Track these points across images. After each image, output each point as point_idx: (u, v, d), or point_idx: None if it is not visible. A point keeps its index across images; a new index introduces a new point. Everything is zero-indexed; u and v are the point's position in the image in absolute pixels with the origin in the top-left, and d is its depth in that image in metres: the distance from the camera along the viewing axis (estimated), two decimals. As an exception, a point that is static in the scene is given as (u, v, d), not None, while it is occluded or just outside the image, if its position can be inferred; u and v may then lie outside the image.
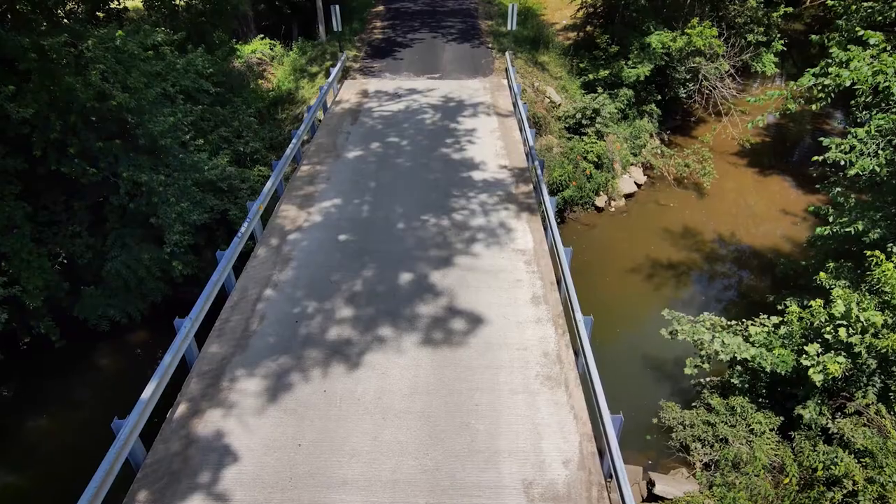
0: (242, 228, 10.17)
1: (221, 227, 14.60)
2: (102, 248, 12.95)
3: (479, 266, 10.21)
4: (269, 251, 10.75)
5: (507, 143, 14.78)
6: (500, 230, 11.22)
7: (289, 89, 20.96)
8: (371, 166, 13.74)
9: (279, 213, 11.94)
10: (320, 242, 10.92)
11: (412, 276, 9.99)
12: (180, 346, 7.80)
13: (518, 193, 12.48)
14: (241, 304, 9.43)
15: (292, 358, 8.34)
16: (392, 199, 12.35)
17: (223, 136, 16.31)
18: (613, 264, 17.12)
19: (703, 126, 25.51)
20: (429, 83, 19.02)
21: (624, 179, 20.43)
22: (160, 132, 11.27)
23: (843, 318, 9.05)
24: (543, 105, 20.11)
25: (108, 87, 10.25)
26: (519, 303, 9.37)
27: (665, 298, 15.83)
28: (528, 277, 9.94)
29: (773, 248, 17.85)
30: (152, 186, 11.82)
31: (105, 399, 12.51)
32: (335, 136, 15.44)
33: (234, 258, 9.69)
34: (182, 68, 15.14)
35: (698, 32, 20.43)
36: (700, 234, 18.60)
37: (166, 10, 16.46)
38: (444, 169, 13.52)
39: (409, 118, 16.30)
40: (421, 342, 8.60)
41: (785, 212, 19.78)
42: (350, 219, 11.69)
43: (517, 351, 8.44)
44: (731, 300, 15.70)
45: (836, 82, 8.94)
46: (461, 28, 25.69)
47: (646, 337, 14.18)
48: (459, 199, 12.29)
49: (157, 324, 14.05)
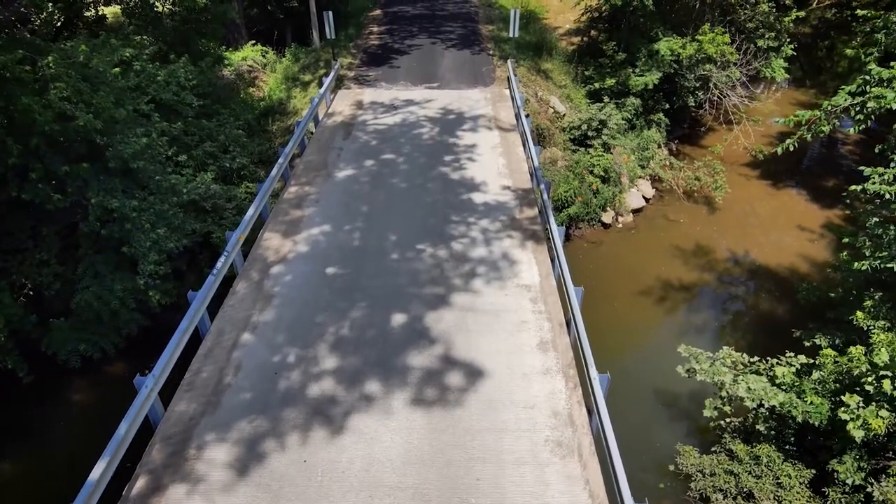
0: (219, 263, 9.21)
1: (205, 251, 13.66)
2: (73, 276, 12.02)
3: (480, 305, 9.25)
4: (250, 286, 9.79)
5: (510, 161, 13.81)
6: (503, 262, 10.26)
7: (280, 99, 20.00)
8: (364, 187, 12.78)
9: (262, 242, 10.98)
10: (306, 277, 9.96)
11: (405, 317, 9.03)
12: (139, 412, 6.85)
13: (522, 219, 11.51)
14: (216, 351, 8.47)
15: (269, 419, 7.39)
16: (386, 224, 11.40)
17: (208, 151, 15.36)
18: (622, 286, 16.15)
19: (712, 135, 24.55)
20: (427, 93, 18.06)
21: (631, 193, 19.47)
22: (132, 154, 10.31)
23: (888, 368, 8.09)
24: (547, 116, 19.15)
25: (70, 108, 9.29)
26: (524, 349, 8.41)
27: (677, 325, 14.89)
28: (534, 318, 8.98)
29: (790, 267, 16.90)
30: (125, 212, 10.87)
31: (76, 437, 11.60)
32: (326, 152, 14.48)
33: (207, 300, 8.73)
34: (163, 80, 14.20)
35: (710, 39, 19.46)
36: (712, 253, 17.64)
37: (147, 18, 15.47)
38: (443, 190, 12.56)
39: (405, 132, 15.34)
40: (414, 400, 7.64)
41: (801, 227, 18.82)
42: (339, 248, 10.73)
43: (523, 410, 7.48)
44: (748, 327, 14.74)
45: (879, 104, 7.98)
46: (461, 33, 24.72)
47: (659, 369, 13.23)
48: (458, 224, 11.34)
49: (135, 354, 13.14)
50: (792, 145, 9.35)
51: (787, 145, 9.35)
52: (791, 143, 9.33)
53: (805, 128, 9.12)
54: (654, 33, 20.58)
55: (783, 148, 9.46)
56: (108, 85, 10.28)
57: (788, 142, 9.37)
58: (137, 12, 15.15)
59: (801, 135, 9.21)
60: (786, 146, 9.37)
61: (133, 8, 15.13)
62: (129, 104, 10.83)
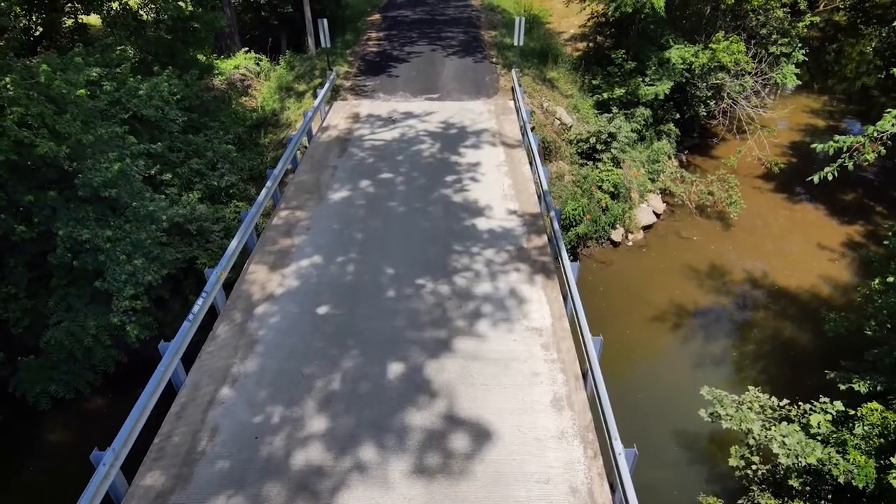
0: (196, 307, 8.28)
1: (190, 276, 12.75)
2: (45, 309, 11.12)
3: (486, 353, 8.33)
4: (232, 330, 8.87)
5: (516, 181, 12.89)
6: (511, 300, 9.34)
7: (273, 110, 19.08)
8: (359, 212, 11.85)
9: (248, 276, 10.06)
10: (294, 319, 9.03)
11: (403, 367, 8.11)
12: (96, 493, 5.93)
13: (530, 248, 10.59)
14: (190, 410, 7.55)
15: (248, 497, 6.47)
16: (382, 255, 10.47)
17: (195, 168, 14.45)
18: (633, 310, 15.24)
19: (723, 144, 23.63)
20: (427, 105, 17.13)
21: (642, 209, 18.55)
22: (102, 183, 9.39)
23: (947, 431, 7.19)
24: (553, 128, 18.23)
25: (29, 135, 8.37)
26: (537, 408, 7.49)
27: (694, 355, 13.97)
28: (546, 369, 8.06)
29: (811, 290, 15.98)
30: (97, 243, 9.97)
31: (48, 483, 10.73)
32: (319, 171, 13.55)
33: (180, 351, 7.80)
34: (145, 95, 13.28)
35: (724, 48, 18.53)
36: (728, 273, 16.73)
37: (129, 28, 14.53)
38: (444, 215, 11.64)
39: (404, 149, 14.41)
40: (413, 471, 6.72)
41: (821, 246, 17.91)
42: (331, 283, 9.81)
43: (536, 485, 6.56)
44: (770, 358, 13.81)
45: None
46: (462, 39, 23.78)
47: (675, 405, 12.33)
48: (461, 255, 10.41)
49: (115, 389, 12.26)
50: (832, 174, 8.43)
51: (826, 174, 8.43)
52: (831, 172, 8.41)
53: (847, 155, 8.21)
54: (665, 40, 19.64)
55: (820, 177, 8.53)
56: (78, 106, 9.35)
57: (827, 170, 8.44)
58: (119, 21, 14.19)
59: (843, 163, 8.30)
60: (824, 174, 8.45)
61: (114, 17, 14.17)
62: (102, 126, 9.89)
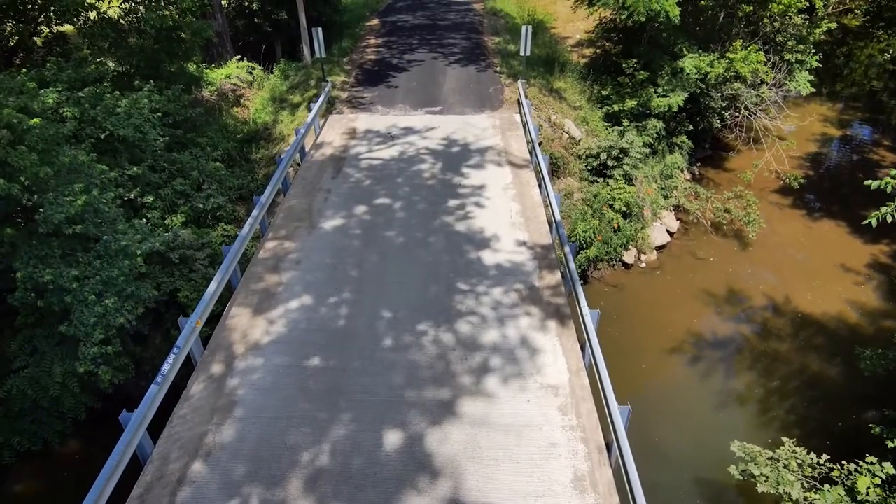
0: (165, 367, 7.27)
1: (171, 309, 11.75)
2: (9, 351, 10.14)
3: (496, 417, 7.33)
4: (208, 388, 7.85)
5: (525, 206, 11.88)
6: (522, 351, 8.33)
7: (266, 123, 18.07)
8: (354, 242, 10.85)
9: (229, 321, 9.04)
10: (278, 374, 8.02)
11: (401, 436, 7.10)
12: None
13: (542, 287, 9.58)
14: (156, 491, 6.54)
15: None
16: (379, 295, 9.47)
17: (179, 189, 13.44)
18: (648, 339, 14.23)
19: (737, 157, 22.62)
20: (428, 119, 16.13)
21: (655, 227, 17.54)
22: (65, 219, 8.39)
23: None
24: (562, 142, 17.22)
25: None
26: (556, 490, 6.48)
27: (715, 391, 12.94)
28: (565, 439, 7.05)
29: (839, 317, 14.97)
30: (62, 284, 8.97)
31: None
32: (312, 195, 12.54)
33: (146, 420, 6.80)
34: (123, 112, 12.28)
35: (742, 57, 17.51)
36: (748, 299, 15.72)
37: (108, 38, 13.50)
38: (447, 247, 10.63)
39: (403, 170, 13.40)
40: (412, 576, 5.73)
41: (845, 267, 16.90)
42: (322, 330, 8.80)
43: None
44: (798, 396, 12.79)
45: None
46: (465, 46, 22.78)
47: (698, 451, 11.34)
48: (466, 296, 9.41)
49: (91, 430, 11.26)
50: (889, 215, 7.43)
51: (885, 214, 7.42)
52: (889, 213, 7.40)
53: (905, 192, 7.22)
54: (679, 49, 18.63)
55: (876, 219, 7.52)
56: (36, 134, 8.35)
57: (885, 210, 7.43)
58: (96, 32, 13.18)
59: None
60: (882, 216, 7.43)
61: (91, 28, 13.16)
62: (65, 155, 8.89)
